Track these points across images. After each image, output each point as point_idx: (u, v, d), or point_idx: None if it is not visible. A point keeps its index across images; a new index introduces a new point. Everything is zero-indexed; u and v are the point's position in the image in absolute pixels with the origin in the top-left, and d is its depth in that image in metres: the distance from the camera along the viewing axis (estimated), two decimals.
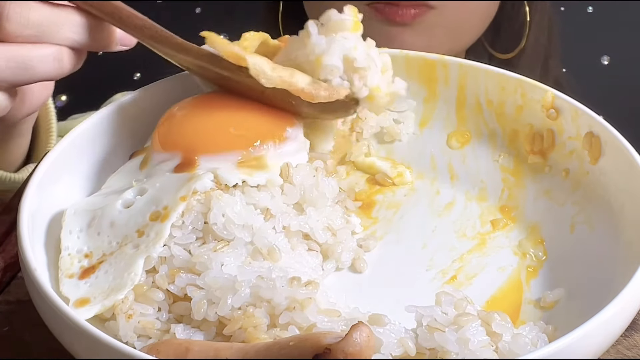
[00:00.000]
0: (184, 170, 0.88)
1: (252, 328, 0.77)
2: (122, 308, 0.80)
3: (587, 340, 0.73)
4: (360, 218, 0.98)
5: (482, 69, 1.03)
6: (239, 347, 0.72)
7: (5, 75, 0.88)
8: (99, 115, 0.97)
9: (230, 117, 0.93)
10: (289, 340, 0.70)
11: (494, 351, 0.76)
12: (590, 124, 0.95)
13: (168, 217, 0.84)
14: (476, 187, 1.02)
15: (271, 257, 0.84)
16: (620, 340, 0.86)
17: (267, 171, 0.89)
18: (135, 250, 0.83)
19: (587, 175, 0.95)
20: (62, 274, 0.84)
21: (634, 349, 0.85)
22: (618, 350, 0.85)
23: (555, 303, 0.87)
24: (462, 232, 0.97)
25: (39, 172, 0.89)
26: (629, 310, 0.77)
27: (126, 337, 0.80)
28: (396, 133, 1.06)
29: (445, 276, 0.91)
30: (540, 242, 0.95)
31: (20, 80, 0.89)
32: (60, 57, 0.90)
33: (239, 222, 0.85)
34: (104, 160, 0.97)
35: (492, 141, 1.04)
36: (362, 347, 0.68)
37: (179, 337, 0.79)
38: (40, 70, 0.89)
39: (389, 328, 0.78)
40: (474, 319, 0.77)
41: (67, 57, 0.90)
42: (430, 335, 0.77)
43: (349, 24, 0.94)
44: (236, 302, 0.79)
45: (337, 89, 0.93)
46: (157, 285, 0.82)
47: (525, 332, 0.79)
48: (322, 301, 0.80)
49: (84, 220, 0.87)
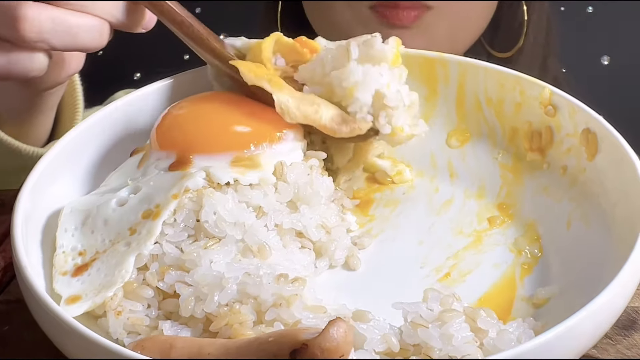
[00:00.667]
0: (178, 169, 0.89)
1: (238, 324, 0.78)
2: (111, 305, 0.81)
3: (570, 336, 0.73)
4: (356, 216, 0.99)
5: (482, 67, 1.03)
6: (222, 343, 0.73)
7: (51, 37, 0.90)
8: (99, 114, 0.98)
9: (226, 117, 0.94)
10: (269, 336, 0.71)
11: (478, 347, 0.76)
12: (587, 121, 0.94)
13: (160, 215, 0.85)
14: (475, 185, 1.02)
15: (261, 254, 0.85)
16: (620, 340, 0.85)
17: (261, 170, 0.89)
18: (127, 248, 0.84)
19: (584, 172, 0.95)
20: (56, 272, 0.85)
21: (633, 348, 0.85)
22: (618, 350, 0.84)
23: (547, 300, 0.87)
24: (458, 229, 0.97)
25: (37, 171, 0.90)
26: (613, 308, 0.77)
27: (116, 334, 0.81)
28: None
29: (439, 273, 0.91)
30: (536, 239, 0.94)
31: (63, 45, 0.91)
32: (102, 30, 0.93)
33: (231, 219, 0.85)
34: (104, 158, 0.98)
35: (491, 139, 1.04)
36: (339, 343, 0.68)
37: (166, 333, 0.80)
38: (84, 39, 0.92)
39: (372, 324, 0.78)
40: (458, 315, 0.77)
41: (106, 32, 0.93)
42: (414, 332, 0.77)
43: (390, 56, 0.95)
44: (223, 299, 0.79)
45: (360, 124, 0.95)
46: (147, 282, 0.83)
47: (512, 328, 0.79)
48: (309, 298, 0.81)
49: (79, 219, 0.89)
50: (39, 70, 0.93)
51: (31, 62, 0.91)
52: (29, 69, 0.92)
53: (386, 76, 0.95)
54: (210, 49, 0.97)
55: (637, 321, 0.87)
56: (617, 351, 0.84)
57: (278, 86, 0.94)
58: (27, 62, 0.91)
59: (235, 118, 0.94)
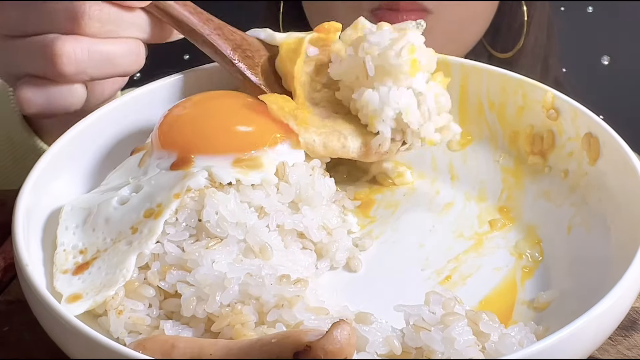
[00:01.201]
0: (179, 168, 0.89)
1: (239, 325, 0.78)
2: (113, 304, 0.81)
3: (573, 341, 0.73)
4: (357, 217, 0.98)
5: (484, 70, 1.03)
6: (223, 344, 0.73)
7: (89, 68, 0.91)
8: (99, 113, 0.98)
9: (229, 118, 0.93)
10: (272, 337, 0.71)
11: (480, 351, 0.76)
12: (589, 125, 0.94)
13: (161, 214, 0.85)
14: (476, 188, 1.02)
15: (263, 254, 0.84)
16: (620, 340, 0.85)
17: (263, 170, 0.89)
18: (128, 247, 0.84)
19: (585, 177, 0.95)
20: (56, 270, 0.84)
21: (634, 349, 0.85)
22: (618, 350, 0.85)
23: (549, 304, 0.87)
24: (459, 232, 0.97)
25: (37, 169, 0.90)
26: (615, 312, 0.77)
27: (117, 333, 0.81)
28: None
29: (440, 276, 0.91)
30: (537, 242, 0.94)
31: (103, 73, 0.93)
32: (138, 50, 0.94)
33: (232, 219, 0.85)
34: (105, 157, 0.98)
35: (493, 142, 1.04)
36: (343, 345, 0.68)
37: (167, 333, 0.79)
38: (122, 64, 0.93)
39: (375, 327, 0.78)
40: (460, 319, 0.77)
41: (142, 51, 0.95)
42: (416, 335, 0.77)
43: (406, 68, 0.94)
44: (225, 299, 0.79)
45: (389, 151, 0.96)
46: (148, 281, 0.83)
47: (513, 332, 0.79)
48: (311, 299, 0.81)
49: (80, 217, 0.88)
50: (79, 103, 0.94)
51: (71, 95, 0.93)
52: (70, 103, 0.94)
53: (405, 96, 0.94)
54: (219, 56, 0.99)
55: (637, 322, 0.88)
56: (618, 352, 0.84)
57: (304, 124, 0.94)
58: (67, 97, 0.93)
59: (238, 118, 0.93)
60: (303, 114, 0.95)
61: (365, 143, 0.96)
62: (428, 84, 0.96)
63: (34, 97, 0.94)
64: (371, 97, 0.94)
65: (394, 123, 0.95)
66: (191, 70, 1.04)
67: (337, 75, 0.98)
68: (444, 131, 0.97)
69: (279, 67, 1.00)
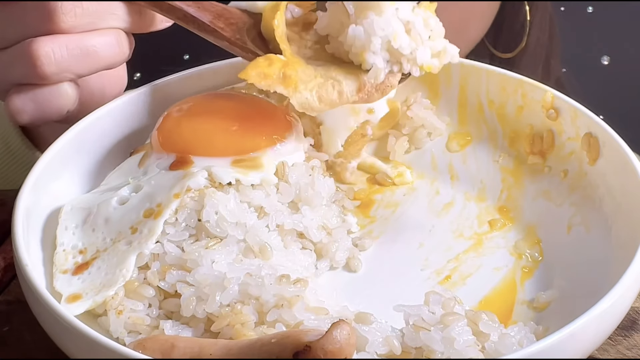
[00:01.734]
0: (179, 168, 0.89)
1: (239, 325, 0.78)
2: (112, 304, 0.81)
3: (573, 341, 0.73)
4: (357, 217, 0.98)
5: (484, 69, 1.03)
6: (223, 344, 0.73)
7: (70, 64, 0.89)
8: (99, 113, 0.98)
9: (228, 119, 0.93)
10: (271, 337, 0.71)
11: (480, 350, 0.76)
12: (589, 125, 0.94)
13: (161, 214, 0.85)
14: (476, 188, 1.02)
15: (262, 254, 0.84)
16: (620, 340, 0.86)
17: (262, 170, 0.89)
18: (128, 247, 0.84)
19: (585, 177, 0.95)
20: (56, 270, 0.85)
21: (634, 349, 0.85)
22: (618, 350, 0.85)
23: (548, 304, 0.87)
24: (459, 232, 0.97)
25: (36, 169, 0.90)
26: (615, 312, 0.77)
27: (116, 333, 0.81)
28: (420, 141, 1.06)
29: (440, 276, 0.91)
30: (536, 242, 0.94)
31: (87, 69, 0.91)
32: (119, 40, 0.92)
33: (232, 219, 0.85)
34: (104, 157, 0.98)
35: (492, 142, 1.04)
36: (342, 345, 0.68)
37: (167, 333, 0.79)
38: (105, 56, 0.91)
39: (374, 326, 0.79)
40: (460, 319, 0.77)
41: (124, 41, 0.93)
42: (416, 334, 0.77)
43: None
44: (224, 299, 0.79)
45: (388, 83, 0.93)
46: (148, 281, 0.83)
47: (513, 332, 0.79)
48: (311, 299, 0.81)
49: (79, 217, 0.88)
50: (70, 104, 0.92)
51: (60, 96, 0.91)
52: (61, 105, 0.92)
53: (390, 23, 0.91)
54: (213, 33, 0.96)
55: (637, 322, 0.88)
56: (617, 351, 0.85)
57: (293, 84, 0.90)
58: (56, 98, 0.91)
59: (237, 120, 0.93)
60: (292, 69, 0.91)
61: (364, 84, 0.93)
62: (414, 10, 0.94)
63: (23, 105, 0.92)
64: (356, 32, 0.92)
65: (387, 54, 0.92)
66: (191, 71, 1.04)
67: (323, 30, 0.96)
68: (441, 56, 0.94)
69: (264, 32, 0.97)
